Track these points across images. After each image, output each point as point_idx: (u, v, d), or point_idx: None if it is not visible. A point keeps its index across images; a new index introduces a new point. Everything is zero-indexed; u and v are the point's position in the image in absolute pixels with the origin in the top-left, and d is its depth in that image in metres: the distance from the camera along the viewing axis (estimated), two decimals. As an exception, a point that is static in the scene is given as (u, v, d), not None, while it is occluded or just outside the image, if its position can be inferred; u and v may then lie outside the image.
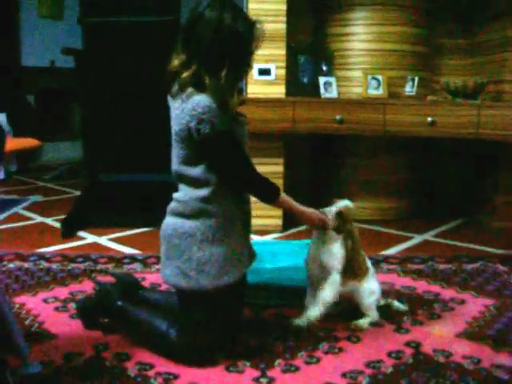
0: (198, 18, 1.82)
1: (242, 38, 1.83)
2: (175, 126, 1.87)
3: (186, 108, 1.81)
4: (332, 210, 2.16)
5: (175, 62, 1.88)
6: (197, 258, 1.87)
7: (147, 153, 4.05)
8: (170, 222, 1.95)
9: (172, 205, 1.96)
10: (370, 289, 2.24)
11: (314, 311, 2.14)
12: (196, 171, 1.87)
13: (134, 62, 3.99)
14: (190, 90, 1.82)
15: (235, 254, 1.94)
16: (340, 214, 2.15)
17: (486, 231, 3.79)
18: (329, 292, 2.15)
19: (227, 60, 1.81)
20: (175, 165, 1.93)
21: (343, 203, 2.20)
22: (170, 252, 1.92)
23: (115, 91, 4.08)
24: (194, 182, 1.89)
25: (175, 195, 1.95)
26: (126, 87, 4.05)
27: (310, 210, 2.09)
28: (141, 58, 3.95)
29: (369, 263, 2.31)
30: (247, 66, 1.95)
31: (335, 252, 2.16)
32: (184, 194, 1.92)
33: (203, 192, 1.87)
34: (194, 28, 1.84)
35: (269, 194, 1.97)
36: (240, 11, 1.87)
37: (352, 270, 2.20)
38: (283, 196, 1.99)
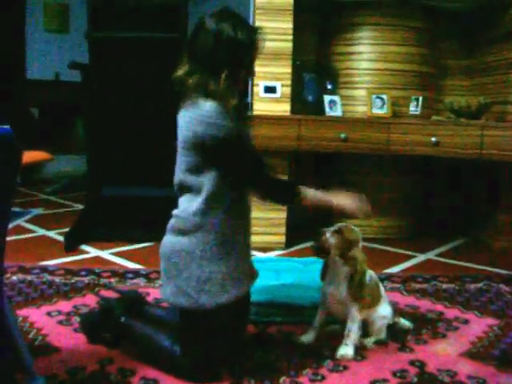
0: (200, 28, 1.88)
1: (240, 46, 1.86)
2: (184, 133, 1.87)
3: (195, 114, 1.83)
4: (331, 229, 2.12)
5: (179, 72, 1.91)
6: (196, 276, 1.85)
7: (150, 167, 4.06)
8: (168, 239, 1.94)
9: (171, 222, 1.95)
10: (383, 314, 2.23)
11: (349, 350, 2.10)
12: (199, 179, 1.86)
13: (139, 78, 4.01)
14: (196, 96, 1.84)
15: (236, 272, 1.92)
16: (339, 232, 2.11)
17: (489, 251, 3.79)
18: (354, 329, 2.12)
19: (226, 65, 1.84)
20: (179, 174, 1.92)
21: (344, 224, 2.17)
22: (170, 270, 1.91)
23: (120, 106, 4.10)
24: (194, 192, 1.88)
25: (174, 212, 1.95)
26: (131, 102, 4.07)
27: (342, 195, 2.05)
28: (147, 74, 3.97)
29: (382, 290, 2.28)
30: (247, 70, 1.97)
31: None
32: (182, 209, 1.91)
33: (199, 205, 1.86)
34: (196, 39, 1.89)
35: (286, 195, 1.96)
36: (239, 20, 1.90)
37: (360, 300, 2.15)
38: (305, 194, 1.95)
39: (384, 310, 2.24)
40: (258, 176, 1.94)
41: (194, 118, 1.83)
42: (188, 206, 1.89)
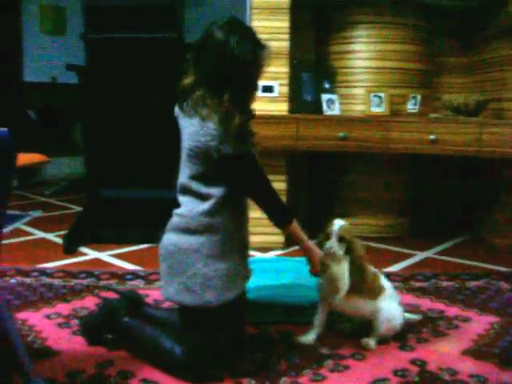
0: (208, 38, 1.85)
1: (245, 63, 1.84)
2: (191, 143, 1.87)
3: (206, 127, 1.82)
4: (333, 242, 2.10)
5: (186, 81, 1.90)
6: (202, 273, 1.87)
7: (149, 169, 4.06)
8: (171, 238, 1.94)
9: (174, 221, 1.95)
10: (390, 313, 2.20)
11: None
12: (206, 187, 1.88)
13: (136, 79, 4.01)
14: (208, 109, 1.83)
15: (238, 269, 1.95)
16: (342, 239, 2.11)
17: (489, 249, 3.78)
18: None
19: (230, 86, 1.82)
20: (184, 178, 1.93)
21: (336, 226, 2.13)
22: (174, 269, 1.91)
23: (117, 107, 4.10)
24: (201, 197, 1.89)
25: (177, 211, 1.95)
26: (129, 103, 4.07)
27: (316, 251, 2.06)
28: (144, 75, 3.97)
29: (384, 282, 2.27)
30: (252, 88, 1.96)
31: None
32: (189, 209, 1.91)
33: (208, 206, 1.87)
34: (202, 49, 1.87)
35: (282, 218, 1.97)
36: (248, 34, 1.88)
37: (362, 289, 2.16)
38: (295, 225, 1.98)
39: (392, 309, 2.21)
40: (264, 193, 1.95)
41: (207, 130, 1.82)
42: (194, 206, 1.90)
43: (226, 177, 1.88)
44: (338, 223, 2.14)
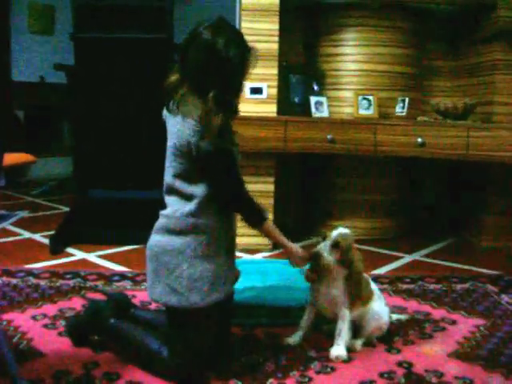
0: (195, 38, 1.84)
1: (232, 64, 1.84)
2: (175, 141, 1.87)
3: (188, 123, 1.82)
4: (327, 244, 2.10)
5: (171, 79, 1.90)
6: (187, 274, 1.86)
7: (137, 170, 4.05)
8: (157, 239, 1.93)
9: (160, 222, 1.94)
10: (377, 314, 2.21)
11: (342, 351, 2.10)
12: (190, 186, 1.88)
13: (125, 79, 4.00)
14: (189, 106, 1.84)
15: (224, 270, 1.94)
16: (337, 245, 2.10)
17: (476, 251, 3.81)
18: (345, 329, 2.12)
19: (215, 86, 1.82)
20: (169, 177, 1.93)
21: (337, 232, 2.13)
22: (159, 270, 1.90)
23: (106, 107, 4.08)
24: (186, 197, 1.88)
25: (163, 212, 1.94)
26: (117, 103, 4.05)
27: (293, 246, 2.08)
28: (132, 75, 3.95)
29: (373, 286, 2.28)
30: (237, 89, 1.95)
31: (343, 287, 2.13)
32: (174, 209, 1.91)
33: (192, 206, 1.87)
34: (189, 48, 1.86)
35: (255, 217, 1.98)
36: (235, 36, 1.88)
37: (356, 297, 2.15)
38: (269, 224, 2.01)
39: (379, 309, 2.22)
40: (237, 192, 1.94)
41: (188, 127, 1.82)
42: (179, 207, 1.89)
43: (206, 175, 1.88)
44: (340, 229, 2.14)
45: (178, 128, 1.86)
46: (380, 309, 2.23)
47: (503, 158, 3.38)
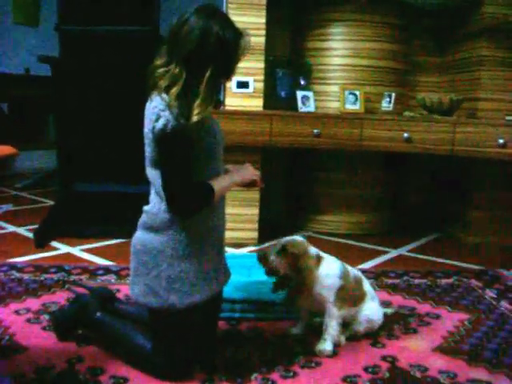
0: (184, 23, 1.78)
1: (228, 47, 1.80)
2: (145, 127, 1.82)
3: (151, 106, 1.78)
4: (276, 248, 2.08)
5: (156, 63, 1.83)
6: (166, 275, 1.81)
7: (123, 163, 4.01)
8: (139, 236, 1.89)
9: (142, 218, 1.90)
10: (369, 317, 2.22)
11: (327, 346, 2.09)
12: (160, 178, 1.80)
13: (111, 72, 3.96)
14: (158, 89, 1.79)
15: (208, 271, 1.89)
16: (285, 251, 2.06)
17: (461, 246, 3.83)
18: (332, 324, 2.11)
19: (212, 64, 1.77)
20: (146, 168, 1.87)
21: (288, 238, 2.10)
22: (139, 269, 1.87)
23: (91, 100, 4.04)
24: (160, 191, 1.81)
25: (145, 207, 1.90)
26: (102, 96, 4.01)
27: (238, 169, 2.05)
28: (118, 68, 3.92)
29: (367, 286, 2.28)
30: (229, 73, 1.91)
31: (328, 283, 2.13)
32: (152, 205, 1.87)
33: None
34: (179, 33, 1.78)
35: (206, 201, 1.83)
36: (228, 21, 1.85)
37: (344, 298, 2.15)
38: (216, 189, 1.83)
39: (371, 310, 2.23)
40: (178, 180, 1.77)
41: (151, 109, 1.77)
42: (156, 202, 1.85)
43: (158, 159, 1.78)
44: (293, 237, 2.12)
45: (146, 114, 1.81)
46: (372, 310, 2.24)
47: (489, 154, 3.40)
